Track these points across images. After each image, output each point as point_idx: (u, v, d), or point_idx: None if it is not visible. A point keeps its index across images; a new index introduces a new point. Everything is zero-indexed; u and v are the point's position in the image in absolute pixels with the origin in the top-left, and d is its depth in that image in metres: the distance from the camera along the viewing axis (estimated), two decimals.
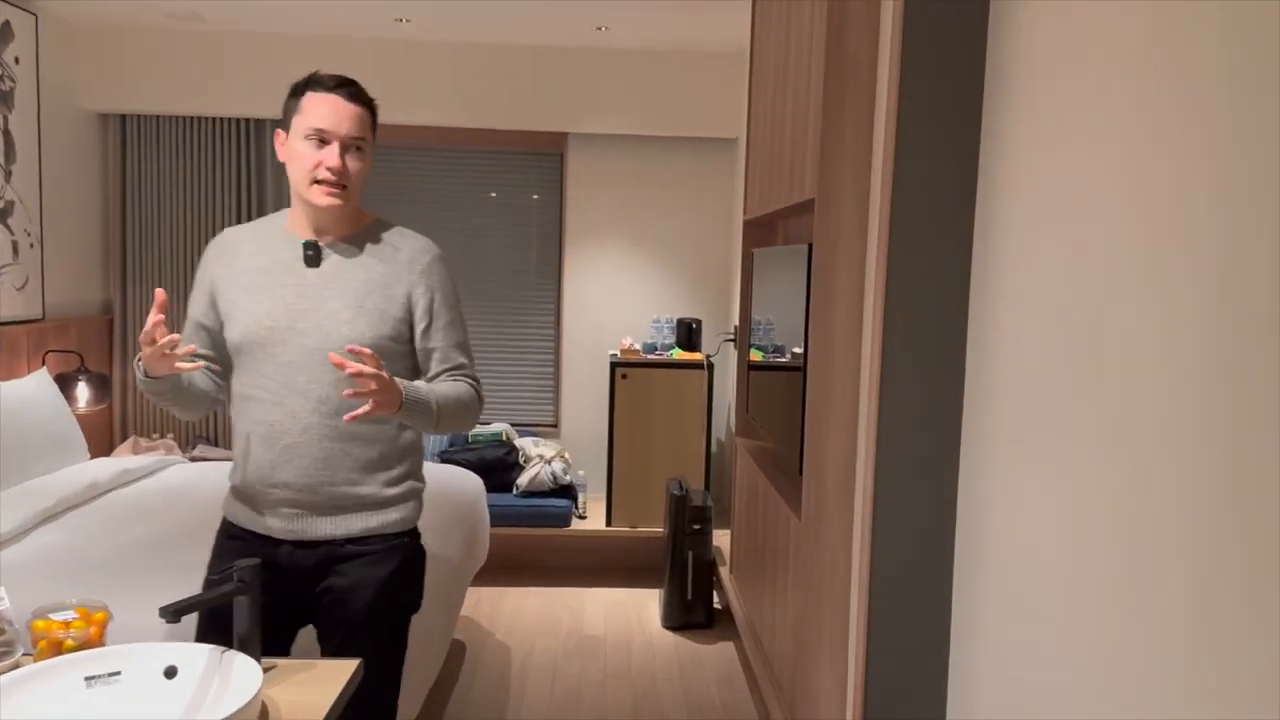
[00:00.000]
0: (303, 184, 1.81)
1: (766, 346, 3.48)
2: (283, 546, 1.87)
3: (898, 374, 1.99)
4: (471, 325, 5.24)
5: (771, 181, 3.21)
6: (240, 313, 1.85)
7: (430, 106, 4.84)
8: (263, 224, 1.94)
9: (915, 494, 2.03)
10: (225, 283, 1.88)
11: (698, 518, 4.00)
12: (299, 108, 1.80)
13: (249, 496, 1.88)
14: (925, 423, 2.00)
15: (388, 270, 1.90)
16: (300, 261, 1.85)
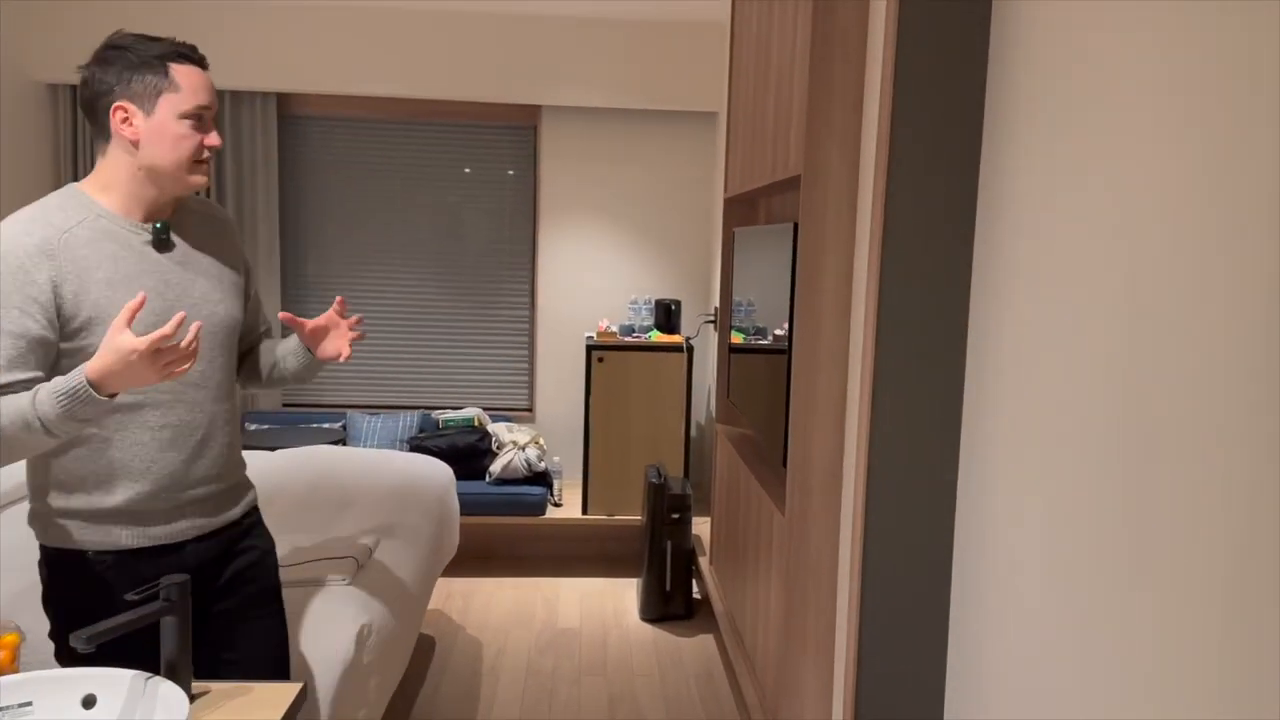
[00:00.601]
0: (182, 167, 1.64)
1: (748, 328, 3.34)
2: (186, 548, 1.74)
3: (893, 363, 1.85)
4: (442, 305, 5.11)
5: (754, 158, 3.06)
6: (115, 313, 1.58)
7: (398, 77, 4.64)
8: (69, 210, 1.60)
9: (910, 490, 1.89)
10: (75, 285, 1.56)
11: (677, 506, 3.87)
12: (170, 84, 1.61)
13: (146, 511, 1.68)
14: (922, 415, 1.87)
15: (224, 242, 1.83)
16: (148, 247, 1.66)
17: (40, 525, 1.69)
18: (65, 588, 1.69)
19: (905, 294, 1.82)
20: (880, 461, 1.86)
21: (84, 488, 1.64)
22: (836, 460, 2.32)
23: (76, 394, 1.43)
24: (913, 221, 1.81)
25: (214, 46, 4.55)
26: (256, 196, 4.74)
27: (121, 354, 1.41)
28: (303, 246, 4.93)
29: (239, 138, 4.72)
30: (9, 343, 1.50)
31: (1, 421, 1.44)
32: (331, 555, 2.43)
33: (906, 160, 1.79)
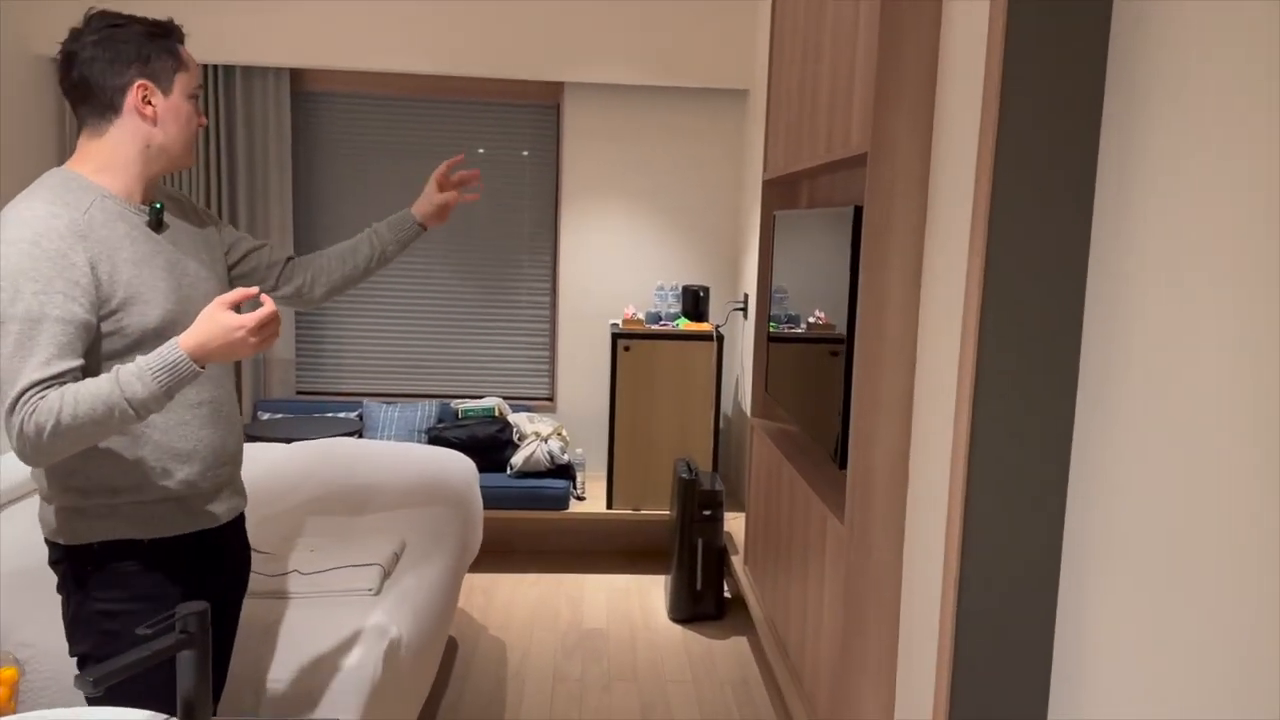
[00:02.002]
0: (188, 145, 1.68)
1: (779, 316, 3.16)
2: (223, 532, 1.76)
3: (998, 359, 1.67)
4: (461, 290, 4.93)
5: (801, 136, 2.87)
6: (149, 291, 1.59)
7: (416, 53, 4.45)
8: (76, 193, 1.56)
9: (1014, 503, 1.71)
10: (108, 265, 1.54)
11: (708, 503, 3.70)
12: (183, 64, 1.65)
13: (193, 494, 1.67)
14: (1029, 416, 1.68)
15: (195, 219, 1.80)
16: (148, 228, 1.64)
17: (79, 524, 1.59)
18: (115, 587, 1.60)
19: (1013, 283, 1.63)
20: (982, 469, 1.68)
21: (130, 475, 1.59)
22: (901, 465, 2.14)
23: (178, 368, 1.45)
24: (1022, 202, 1.62)
25: (224, 20, 4.36)
26: (269, 176, 4.56)
27: (227, 328, 1.45)
28: (316, 228, 4.76)
29: (251, 115, 4.54)
30: (59, 329, 1.46)
31: (78, 409, 1.40)
32: (355, 563, 2.26)
33: (1017, 133, 1.60)
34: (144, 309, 1.56)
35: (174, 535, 1.64)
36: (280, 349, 4.70)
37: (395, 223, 2.04)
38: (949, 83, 1.97)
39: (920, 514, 2.06)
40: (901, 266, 2.10)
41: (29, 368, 1.42)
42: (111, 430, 1.45)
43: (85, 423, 1.41)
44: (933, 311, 2.03)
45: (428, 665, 2.31)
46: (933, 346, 2.02)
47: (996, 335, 1.68)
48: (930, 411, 2.03)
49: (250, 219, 4.58)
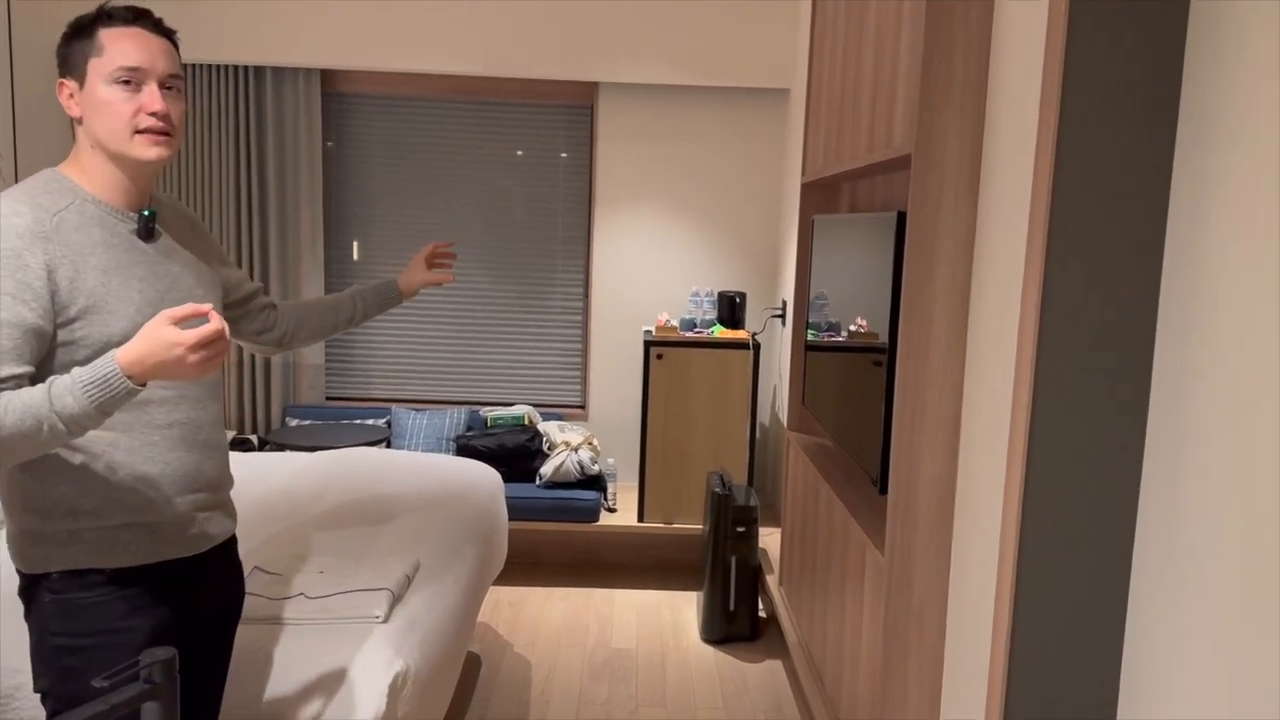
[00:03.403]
0: (121, 137, 1.50)
1: (819, 324, 3.01)
2: (200, 561, 1.65)
3: (1055, 383, 1.51)
4: (491, 295, 4.83)
5: (841, 137, 2.71)
6: (115, 301, 1.48)
7: (447, 53, 4.35)
8: (55, 193, 1.48)
9: (1073, 542, 1.55)
10: (70, 270, 1.44)
11: (742, 519, 3.55)
12: (95, 48, 1.50)
13: (153, 519, 1.55)
14: (1090, 449, 1.52)
15: (197, 236, 1.73)
16: (133, 236, 1.55)
17: (37, 550, 1.49)
18: (73, 620, 1.49)
19: (1075, 296, 1.47)
20: (1039, 500, 1.52)
21: (92, 497, 1.49)
22: (947, 492, 1.98)
23: (109, 383, 1.32)
24: (1086, 208, 1.46)
25: (255, 21, 4.30)
26: (299, 178, 4.49)
27: (165, 344, 1.32)
28: (347, 231, 4.68)
29: (281, 116, 4.47)
30: (4, 333, 1.37)
31: (5, 419, 1.29)
32: (364, 587, 2.15)
33: (1080, 132, 1.43)
34: (106, 319, 1.46)
35: (140, 565, 1.53)
36: (310, 354, 4.63)
37: (380, 290, 2.11)
38: (1002, 78, 1.81)
39: (968, 547, 1.90)
40: (948, 278, 1.94)
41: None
42: (44, 445, 1.33)
43: (13, 434, 1.30)
44: (983, 327, 1.87)
45: (440, 694, 2.19)
46: (982, 365, 1.86)
47: (1056, 353, 1.52)
48: (979, 435, 1.86)
49: (280, 221, 4.51)
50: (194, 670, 1.67)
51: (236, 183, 4.46)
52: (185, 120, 1.61)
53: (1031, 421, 1.49)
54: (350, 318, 2.06)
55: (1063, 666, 1.57)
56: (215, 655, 1.74)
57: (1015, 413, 1.53)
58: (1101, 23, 1.43)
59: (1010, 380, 1.70)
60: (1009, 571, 1.58)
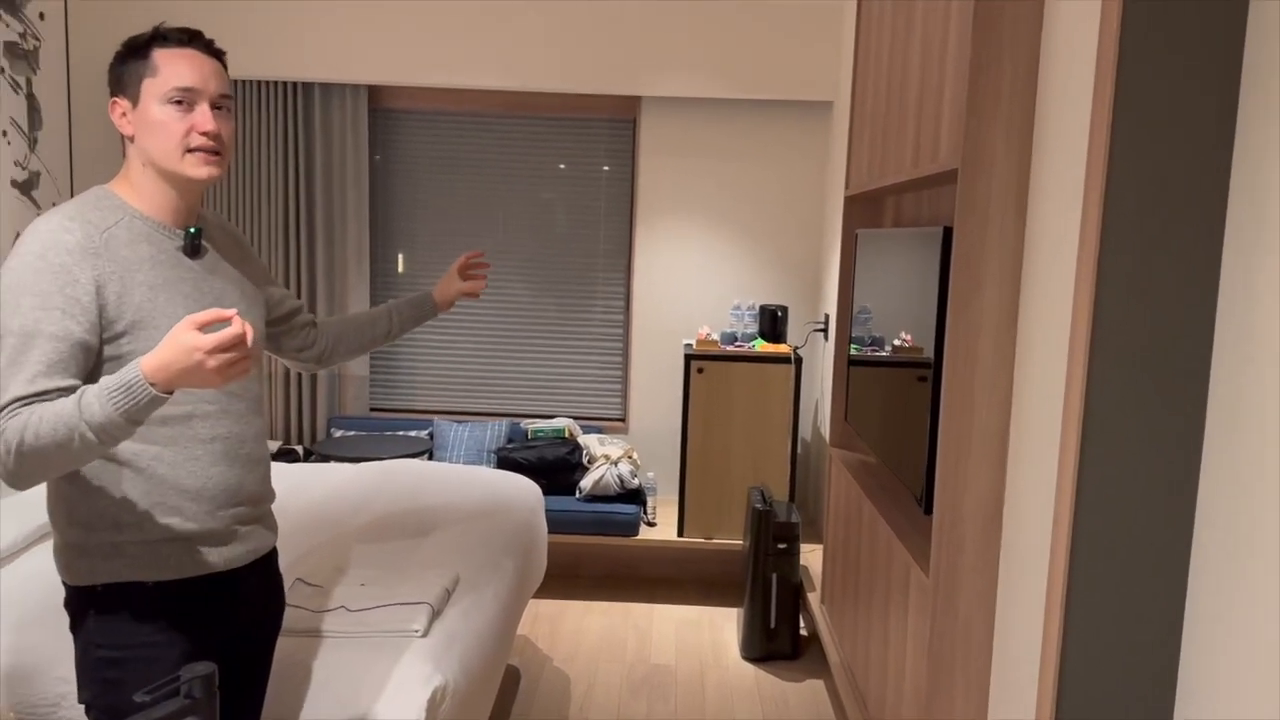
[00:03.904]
0: (172, 156, 1.52)
1: (862, 339, 2.97)
2: (241, 574, 1.66)
3: (1107, 403, 1.47)
4: (534, 308, 4.84)
5: (886, 150, 2.68)
6: (162, 318, 1.50)
7: (492, 69, 4.38)
8: (105, 210, 1.51)
9: (1125, 569, 1.50)
10: (119, 286, 1.46)
11: (783, 535, 3.51)
12: (150, 68, 1.52)
13: (194, 534, 1.56)
14: (1143, 472, 1.48)
15: (243, 254, 1.75)
16: (179, 253, 1.58)
17: (82, 563, 1.51)
18: (116, 633, 1.51)
19: (1128, 313, 1.43)
20: (1090, 523, 1.48)
21: (134, 511, 1.51)
22: (994, 513, 1.94)
23: (133, 389, 1.30)
24: (1140, 222, 1.42)
25: (303, 38, 4.37)
26: (346, 193, 4.55)
27: (185, 349, 1.30)
28: (392, 244, 4.73)
29: (329, 132, 4.54)
30: (50, 346, 1.39)
31: (40, 429, 1.30)
32: (403, 601, 2.15)
33: (1133, 145, 1.40)
34: (152, 335, 1.48)
35: (182, 578, 1.54)
36: (355, 366, 4.68)
37: (416, 303, 2.10)
38: (1051, 90, 1.77)
39: (1016, 571, 1.86)
40: (996, 293, 1.90)
41: (15, 384, 1.36)
42: (78, 455, 1.33)
43: (48, 444, 1.31)
44: (1031, 343, 1.83)
45: (478, 707, 2.18)
46: (1031, 382, 1.82)
47: (1108, 370, 1.48)
48: (1028, 455, 1.82)
49: (328, 234, 4.57)
50: (234, 682, 1.69)
51: (285, 196, 4.53)
52: (235, 137, 1.63)
53: (1082, 439, 1.45)
54: (387, 332, 2.06)
55: (1114, 693, 1.52)
56: (255, 668, 1.75)
57: (1066, 430, 1.49)
58: (1156, 32, 1.39)
59: (1060, 397, 1.66)
60: (1058, 594, 1.54)
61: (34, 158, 3.74)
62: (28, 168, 3.71)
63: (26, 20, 3.67)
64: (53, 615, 2.11)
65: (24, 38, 3.66)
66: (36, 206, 3.75)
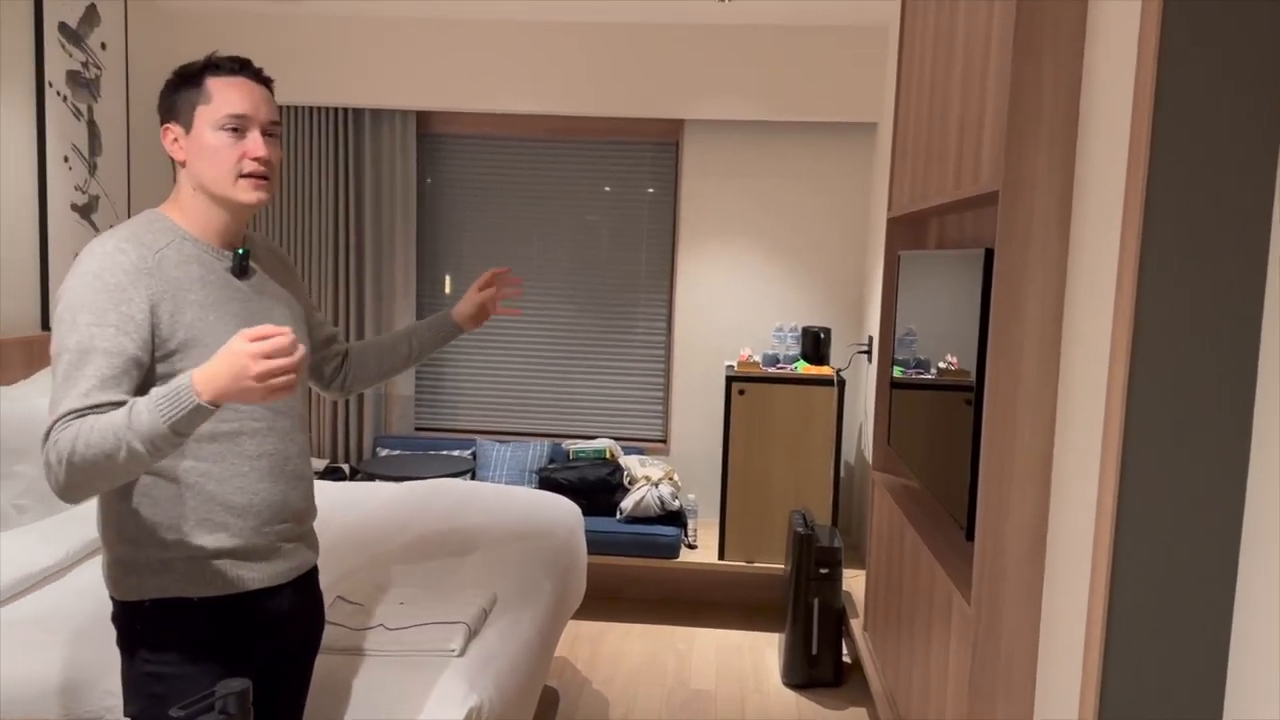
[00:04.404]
0: (224, 181, 1.57)
1: (907, 361, 2.94)
2: (283, 591, 1.68)
3: (1146, 432, 1.44)
4: (577, 329, 4.87)
5: (928, 172, 2.66)
6: (211, 337, 1.53)
7: (537, 93, 4.44)
8: (157, 232, 1.56)
9: (1166, 603, 1.47)
10: (171, 305, 1.51)
11: (826, 560, 3.47)
12: (203, 95, 1.56)
13: (248, 547, 1.60)
14: (1186, 502, 1.44)
15: (289, 276, 1.79)
16: (228, 274, 1.62)
17: (130, 578, 1.55)
18: (162, 648, 1.54)
19: (1173, 332, 1.40)
20: (1130, 554, 1.44)
21: (182, 527, 1.54)
22: (1037, 540, 1.90)
23: (179, 398, 1.33)
24: (1181, 247, 1.39)
25: (354, 65, 4.46)
26: (395, 215, 4.63)
27: (237, 354, 1.32)
28: (439, 266, 4.80)
29: (379, 156, 4.62)
30: (104, 361, 1.43)
31: (91, 438, 1.33)
32: (440, 619, 2.17)
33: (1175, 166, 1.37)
34: (203, 353, 1.51)
35: (227, 594, 1.57)
36: (400, 385, 4.73)
37: (434, 324, 2.08)
38: (1094, 112, 1.75)
39: (1059, 600, 1.82)
40: (1038, 316, 1.88)
41: (69, 398, 1.40)
42: (125, 466, 1.35)
43: (97, 454, 1.33)
44: (1075, 366, 1.79)
45: (526, 699, 2.19)
46: (1075, 406, 1.79)
47: (1150, 395, 1.45)
48: (1072, 480, 1.79)
49: (376, 257, 4.64)
50: (273, 699, 1.71)
51: (335, 219, 4.62)
52: (283, 163, 1.67)
53: (1122, 464, 1.42)
54: (407, 356, 2.05)
55: None
56: (295, 684, 1.77)
57: (1105, 454, 1.46)
58: (1196, 54, 1.37)
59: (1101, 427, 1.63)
60: (1098, 626, 1.50)
61: (93, 182, 3.86)
62: (87, 192, 3.82)
63: (89, 50, 3.79)
64: (101, 629, 2.16)
65: (86, 67, 3.78)
66: (95, 229, 3.87)
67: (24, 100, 3.49)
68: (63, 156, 3.67)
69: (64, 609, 2.29)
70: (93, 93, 3.83)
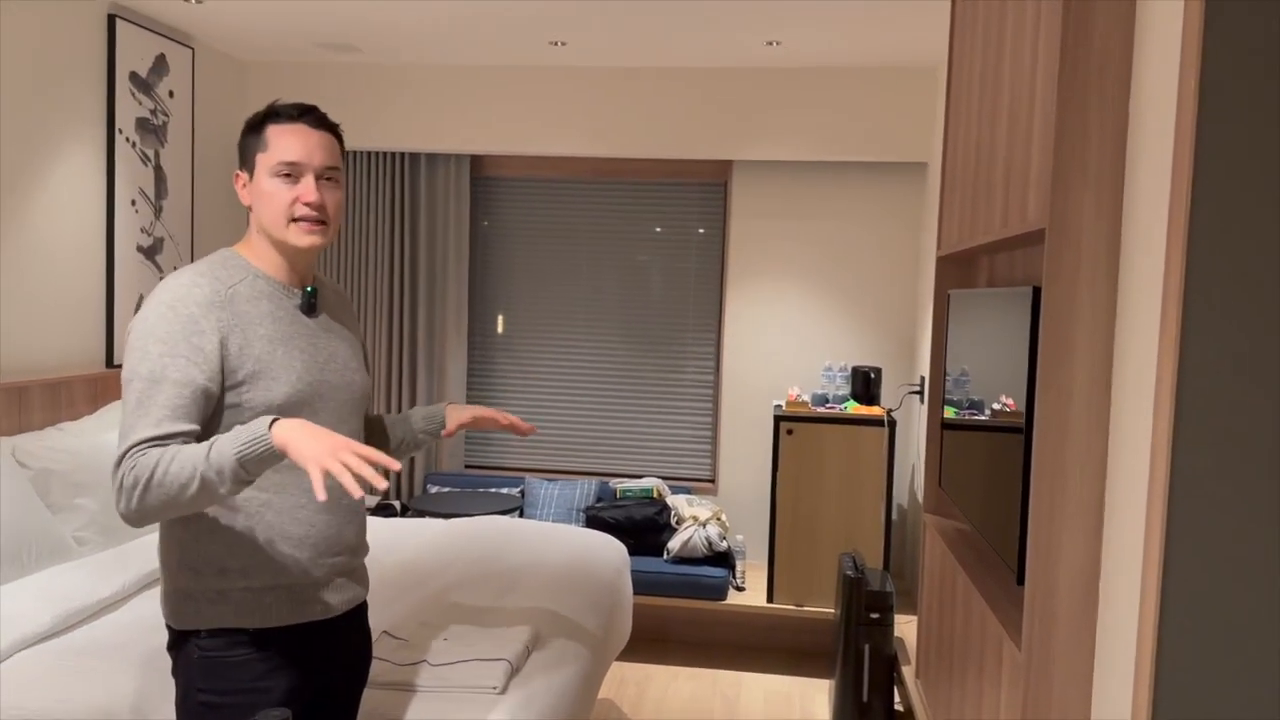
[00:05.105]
0: (278, 225, 1.63)
1: (960, 402, 2.89)
2: (335, 625, 1.71)
3: (1193, 474, 1.40)
4: (625, 368, 4.89)
5: (976, 210, 2.64)
6: (278, 369, 1.60)
7: (588, 137, 4.51)
8: (230, 269, 1.63)
9: (1218, 653, 1.42)
10: (241, 338, 1.57)
11: (877, 605, 3.41)
12: (262, 143, 1.63)
13: (295, 581, 1.62)
14: (1237, 547, 1.40)
15: (350, 317, 1.85)
16: (296, 310, 1.68)
17: (188, 607, 1.58)
18: (217, 678, 1.57)
19: (1219, 376, 1.37)
20: (1178, 601, 1.40)
21: (241, 557, 1.57)
22: (1090, 585, 1.85)
23: (257, 440, 1.38)
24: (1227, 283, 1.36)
25: (410, 111, 4.58)
26: (448, 257, 4.71)
27: (332, 433, 1.39)
28: (490, 306, 4.86)
29: (434, 199, 4.73)
30: (174, 391, 1.49)
31: (170, 467, 1.39)
32: (483, 656, 2.17)
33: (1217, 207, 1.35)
34: (269, 385, 1.57)
35: (281, 625, 1.60)
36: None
37: (429, 415, 1.97)
38: (1141, 150, 1.73)
39: (1112, 647, 1.76)
40: (1088, 355, 1.84)
41: (142, 425, 1.45)
42: (197, 497, 1.40)
43: (172, 484, 1.40)
44: (1126, 407, 1.76)
45: None
46: (1127, 448, 1.74)
47: (1196, 436, 1.41)
48: (1124, 525, 1.74)
49: (429, 296, 4.73)
50: None
51: (390, 260, 4.72)
52: (343, 207, 1.72)
53: (1169, 509, 1.38)
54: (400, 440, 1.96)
55: None
56: (341, 718, 1.78)
57: (1151, 499, 1.42)
58: (1240, 92, 1.35)
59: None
60: (1146, 675, 1.46)
61: (158, 224, 3.99)
62: (152, 234, 3.96)
63: (157, 98, 3.95)
64: (156, 659, 2.20)
65: (154, 114, 3.94)
66: (159, 270, 4.00)
67: (95, 146, 3.64)
68: (130, 200, 3.81)
69: (121, 639, 2.34)
70: (160, 138, 3.98)
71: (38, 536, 2.74)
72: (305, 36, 4.12)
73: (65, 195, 3.50)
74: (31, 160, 3.34)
